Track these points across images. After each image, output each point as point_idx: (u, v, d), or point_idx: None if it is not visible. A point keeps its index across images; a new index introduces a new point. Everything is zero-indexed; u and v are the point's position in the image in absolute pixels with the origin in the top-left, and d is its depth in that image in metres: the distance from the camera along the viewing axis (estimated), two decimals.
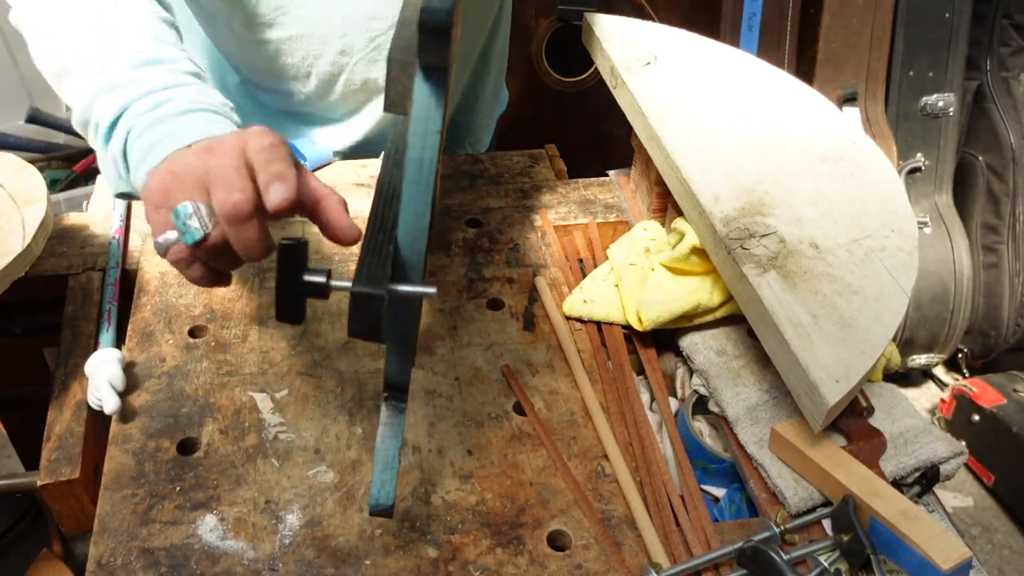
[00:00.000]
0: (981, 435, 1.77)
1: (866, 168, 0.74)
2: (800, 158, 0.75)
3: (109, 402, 0.66)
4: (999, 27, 1.85)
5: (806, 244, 0.67)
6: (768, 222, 0.68)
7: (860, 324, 0.61)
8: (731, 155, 0.75)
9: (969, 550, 0.56)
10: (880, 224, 0.69)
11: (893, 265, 0.65)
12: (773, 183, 0.72)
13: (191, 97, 0.63)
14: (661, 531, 0.61)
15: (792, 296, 0.63)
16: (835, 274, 0.65)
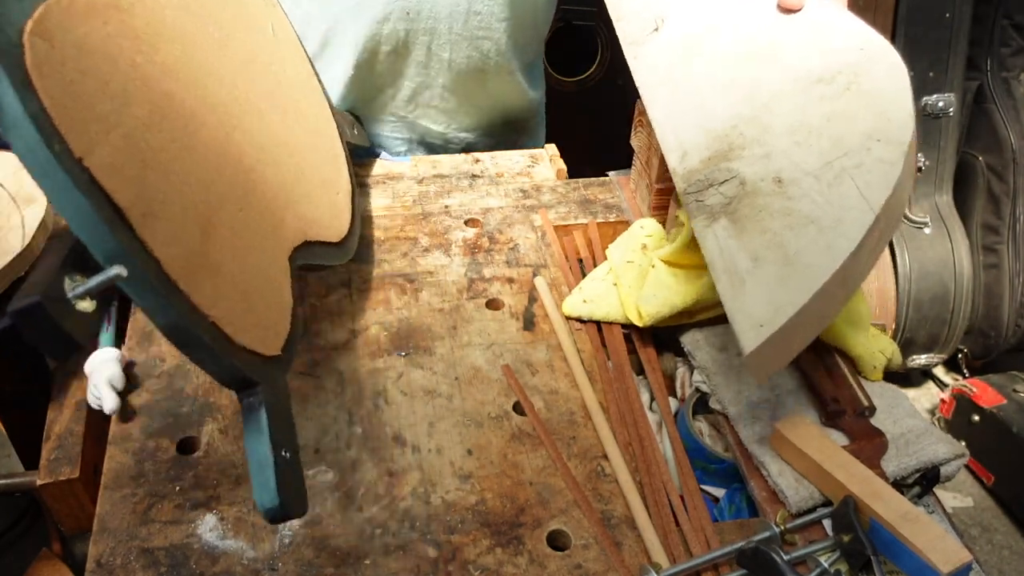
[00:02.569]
0: (981, 435, 1.77)
1: (866, 76, 0.67)
2: (790, 86, 0.69)
3: (109, 401, 0.66)
4: (999, 27, 1.85)
5: (768, 180, 0.62)
6: (732, 166, 0.64)
7: (805, 258, 0.57)
8: (711, 104, 0.70)
9: (969, 553, 0.55)
10: (864, 136, 0.62)
11: (867, 182, 0.59)
12: (750, 122, 0.67)
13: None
14: (660, 531, 0.61)
15: (737, 242, 0.59)
16: (793, 207, 0.60)
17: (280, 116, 0.70)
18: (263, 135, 0.65)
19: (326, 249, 0.70)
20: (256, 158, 0.62)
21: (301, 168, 0.70)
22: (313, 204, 0.70)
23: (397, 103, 0.98)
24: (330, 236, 0.71)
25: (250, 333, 0.53)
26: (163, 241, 0.47)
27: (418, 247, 0.87)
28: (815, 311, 0.56)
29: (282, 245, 0.62)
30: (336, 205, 0.75)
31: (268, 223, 0.61)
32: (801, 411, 0.69)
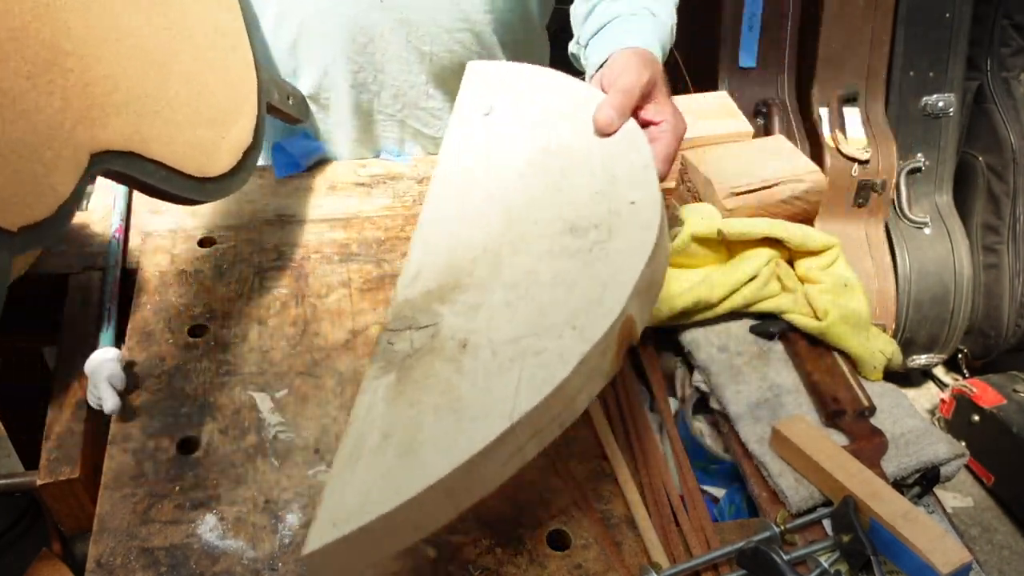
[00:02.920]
0: (981, 435, 1.77)
1: (621, 237, 0.58)
2: (546, 227, 0.61)
3: (109, 401, 0.66)
4: (999, 27, 1.85)
5: (456, 341, 0.55)
6: (441, 310, 0.58)
7: (425, 453, 0.49)
8: (474, 222, 0.64)
9: (969, 553, 0.55)
10: (569, 315, 0.54)
11: (532, 375, 0.50)
12: (492, 259, 0.61)
13: None
14: (660, 531, 0.61)
15: (385, 408, 0.53)
16: (455, 383, 0.52)
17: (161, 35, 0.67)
18: (116, 39, 0.62)
19: (170, 175, 0.66)
20: (90, 52, 0.60)
21: (167, 90, 0.67)
22: (170, 128, 0.67)
23: (383, 101, 0.96)
24: (184, 166, 0.68)
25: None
26: None
27: None
28: (406, 520, 0.47)
29: (87, 139, 0.59)
30: (213, 145, 0.72)
31: (72, 109, 0.58)
32: (801, 411, 0.69)
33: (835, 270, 0.77)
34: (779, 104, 1.80)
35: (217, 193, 0.74)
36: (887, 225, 1.86)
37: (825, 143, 1.76)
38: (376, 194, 0.94)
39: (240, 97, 0.77)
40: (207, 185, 0.71)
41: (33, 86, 0.55)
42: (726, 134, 0.89)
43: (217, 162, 0.72)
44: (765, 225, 0.76)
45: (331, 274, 0.83)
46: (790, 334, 0.75)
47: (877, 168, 1.76)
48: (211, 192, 0.73)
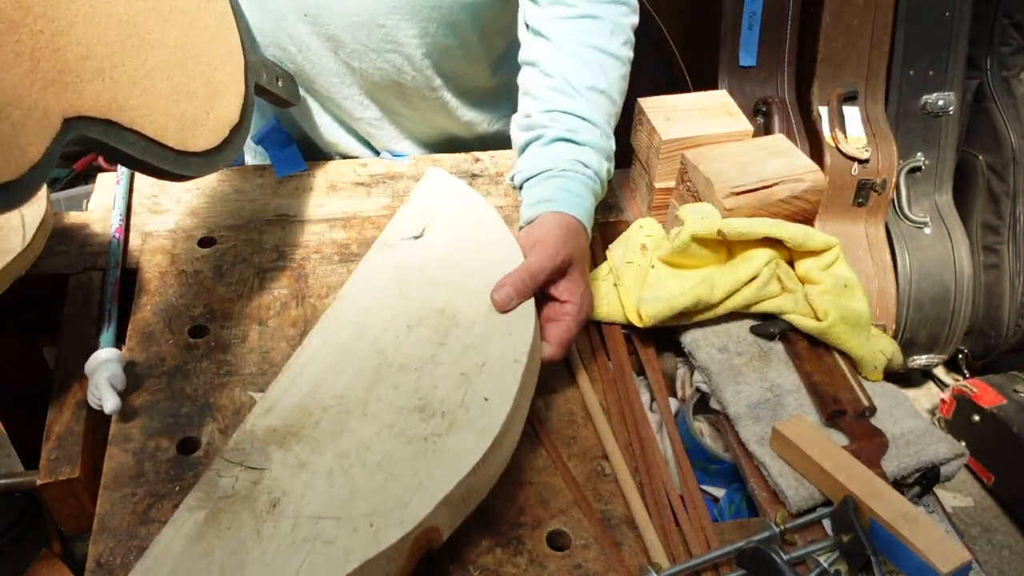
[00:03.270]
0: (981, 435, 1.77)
1: (456, 435, 0.58)
2: (401, 398, 0.61)
3: (109, 402, 0.66)
4: (999, 26, 1.85)
5: (269, 498, 0.55)
6: (274, 456, 0.58)
7: None
8: (345, 366, 0.63)
9: (968, 553, 0.55)
10: (370, 510, 0.54)
11: (312, 566, 0.51)
12: (342, 415, 0.60)
13: None
14: (660, 531, 0.61)
15: (182, 548, 0.52)
16: (249, 547, 0.53)
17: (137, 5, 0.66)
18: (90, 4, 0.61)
19: (150, 146, 0.65)
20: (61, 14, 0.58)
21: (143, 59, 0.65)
22: (147, 98, 0.65)
23: (326, 105, 0.95)
24: (163, 138, 0.66)
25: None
26: None
27: None
28: None
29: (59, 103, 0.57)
30: (194, 119, 0.70)
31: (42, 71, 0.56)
32: (801, 411, 0.69)
33: (835, 270, 0.77)
34: (779, 103, 1.80)
35: (202, 168, 0.72)
36: (887, 225, 1.85)
37: (825, 142, 1.76)
38: (376, 194, 0.94)
39: (226, 74, 0.76)
40: (190, 159, 0.70)
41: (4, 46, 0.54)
42: (726, 133, 0.88)
43: (200, 137, 0.71)
44: (765, 225, 0.76)
45: (331, 274, 0.83)
46: (790, 334, 0.75)
47: (877, 167, 1.76)
48: (195, 166, 0.71)
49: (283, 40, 0.87)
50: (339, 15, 0.83)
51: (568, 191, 0.73)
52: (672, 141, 0.87)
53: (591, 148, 0.75)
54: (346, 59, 0.88)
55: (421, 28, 0.85)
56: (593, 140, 0.76)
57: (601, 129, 0.77)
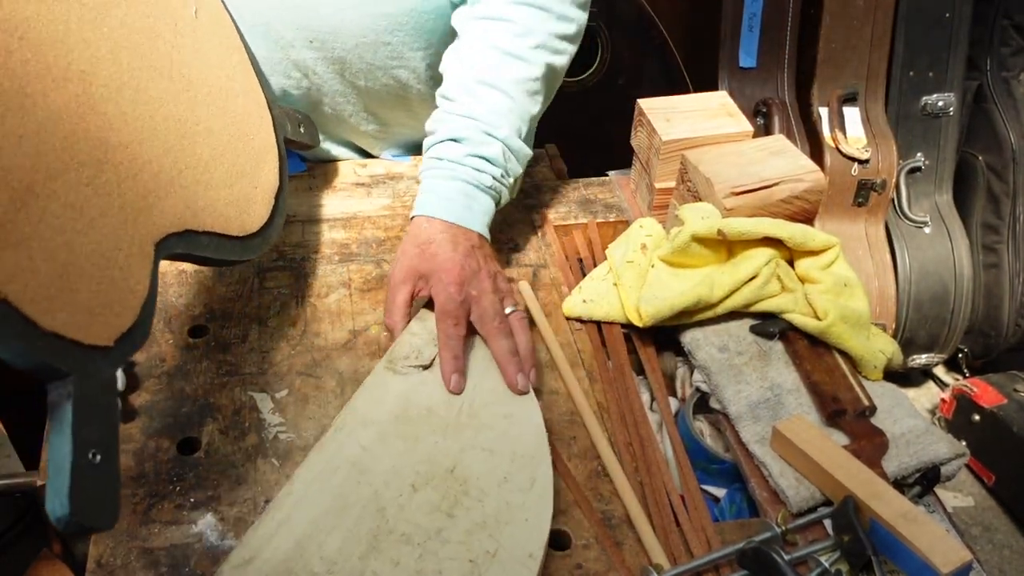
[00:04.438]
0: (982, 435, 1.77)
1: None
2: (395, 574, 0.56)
3: None
4: (999, 27, 1.85)
5: None
6: None
7: None
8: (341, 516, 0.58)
9: (969, 553, 0.55)
10: None
11: None
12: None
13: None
14: (661, 532, 0.61)
15: None
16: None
17: (182, 98, 0.65)
18: (149, 115, 0.60)
19: (221, 241, 0.64)
20: (132, 137, 0.57)
21: (199, 153, 0.65)
22: (210, 192, 0.65)
23: (331, 122, 0.96)
24: (229, 228, 0.66)
25: (66, 316, 0.47)
26: None
27: None
28: None
29: (148, 229, 0.57)
30: (248, 198, 0.70)
31: (130, 204, 0.55)
32: (802, 411, 0.69)
33: (835, 270, 0.77)
34: (779, 104, 1.80)
35: (261, 246, 0.71)
36: (887, 225, 1.86)
37: (825, 143, 1.76)
38: (376, 194, 0.94)
39: (261, 139, 0.76)
40: (251, 241, 0.69)
41: (94, 191, 0.52)
42: (726, 134, 0.89)
43: (255, 215, 0.70)
44: (765, 225, 0.76)
45: (331, 274, 0.83)
46: (790, 334, 0.75)
47: (877, 168, 1.76)
48: (255, 248, 0.70)
49: (289, 68, 0.88)
50: (347, 37, 0.84)
51: (424, 191, 0.76)
52: (672, 142, 0.87)
53: (452, 141, 0.77)
54: (352, 79, 0.89)
55: (426, 40, 0.86)
56: (459, 131, 0.76)
57: (475, 119, 0.76)
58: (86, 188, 0.51)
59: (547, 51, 0.80)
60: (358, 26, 0.83)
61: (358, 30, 0.83)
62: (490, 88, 0.77)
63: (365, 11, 0.82)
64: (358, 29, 0.83)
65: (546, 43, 0.80)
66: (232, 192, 0.67)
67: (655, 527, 0.62)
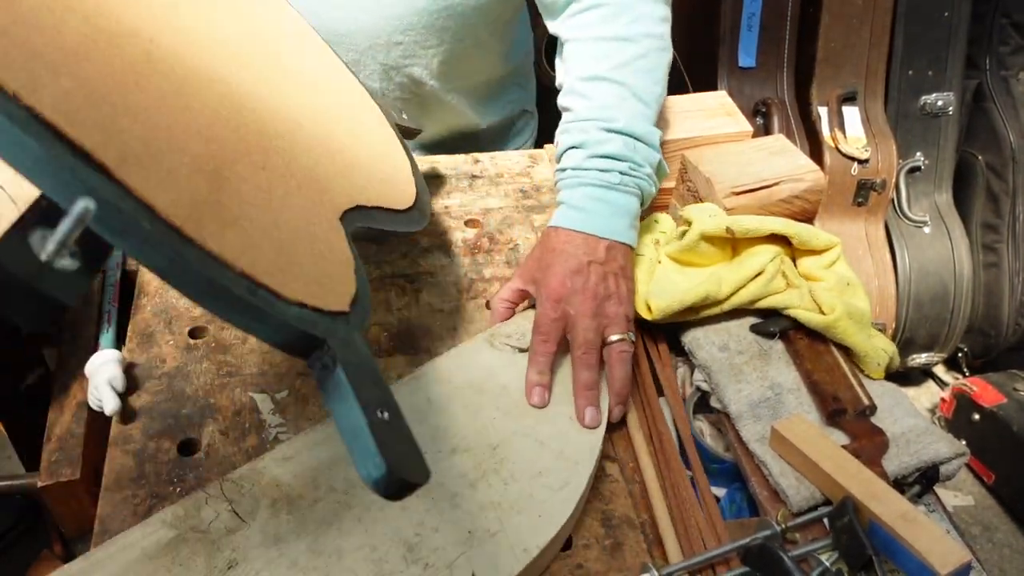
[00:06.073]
0: (981, 434, 1.77)
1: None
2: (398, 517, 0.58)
3: (109, 403, 0.66)
4: (998, 26, 1.85)
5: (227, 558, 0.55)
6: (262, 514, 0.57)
7: None
8: None
9: (968, 554, 0.55)
10: None
11: None
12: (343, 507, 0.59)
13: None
14: (681, 527, 0.61)
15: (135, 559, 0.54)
16: None
17: (310, 93, 0.67)
18: (288, 108, 0.61)
19: (390, 215, 0.65)
20: (282, 127, 0.58)
21: (342, 139, 0.66)
22: (363, 172, 0.66)
23: None
24: (391, 203, 0.67)
25: (302, 286, 0.46)
26: (155, 186, 0.40)
27: (418, 247, 0.87)
28: None
29: (329, 206, 0.57)
30: (393, 177, 0.71)
31: (305, 184, 0.56)
32: (802, 410, 0.69)
33: (837, 269, 0.77)
34: (778, 103, 1.81)
35: (421, 220, 0.71)
36: (887, 224, 1.86)
37: (824, 142, 1.77)
38: None
39: (382, 127, 0.77)
40: (411, 214, 0.69)
41: (271, 174, 0.52)
42: (725, 134, 0.89)
43: (405, 191, 0.71)
44: (772, 222, 0.77)
45: None
46: (791, 333, 0.75)
47: (876, 167, 1.77)
48: (418, 220, 0.70)
49: None
50: (360, 39, 0.84)
51: (557, 203, 0.75)
52: (672, 142, 0.87)
53: (573, 149, 0.75)
54: (366, 80, 0.89)
55: (438, 38, 0.86)
56: (575, 139, 0.75)
57: (588, 120, 0.74)
58: (263, 172, 0.51)
59: (647, 21, 0.77)
60: (371, 28, 0.83)
61: (371, 31, 0.84)
62: (596, 82, 0.75)
63: (377, 13, 0.82)
64: (371, 31, 0.83)
65: (643, 14, 0.77)
66: (381, 171, 0.68)
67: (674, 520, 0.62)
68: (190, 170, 0.44)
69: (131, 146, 0.41)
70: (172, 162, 0.43)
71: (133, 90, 0.44)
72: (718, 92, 0.95)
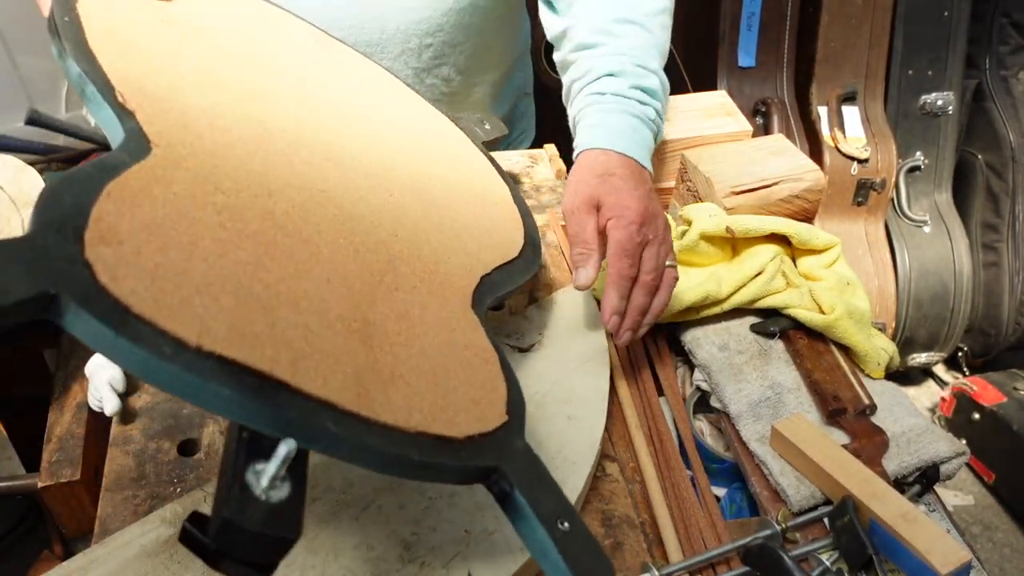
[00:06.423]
0: (982, 433, 1.77)
1: None
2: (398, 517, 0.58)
3: (109, 403, 0.66)
4: (998, 25, 1.85)
5: None
6: None
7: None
8: None
9: (968, 553, 0.55)
10: None
11: None
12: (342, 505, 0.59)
13: None
14: (681, 526, 0.61)
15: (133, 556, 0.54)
16: None
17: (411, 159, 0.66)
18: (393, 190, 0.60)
19: (507, 272, 0.63)
20: (391, 225, 0.57)
21: (447, 201, 0.65)
22: (475, 232, 0.64)
23: None
24: (508, 254, 0.65)
25: (464, 417, 0.47)
26: (324, 377, 0.41)
27: None
28: None
29: (457, 299, 0.56)
30: (500, 218, 0.69)
31: (433, 287, 0.55)
32: (802, 410, 0.69)
33: (837, 268, 0.77)
34: (778, 103, 1.81)
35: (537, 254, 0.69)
36: (886, 224, 1.86)
37: (824, 142, 1.77)
38: None
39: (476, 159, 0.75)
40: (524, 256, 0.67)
41: (405, 292, 0.52)
42: (725, 133, 0.89)
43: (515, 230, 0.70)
44: (772, 222, 0.77)
45: None
46: (790, 332, 0.75)
47: (876, 167, 1.77)
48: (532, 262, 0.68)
49: None
50: (392, 47, 0.85)
51: (586, 127, 0.73)
52: (672, 141, 0.87)
53: (609, 76, 0.74)
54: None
55: (464, 35, 0.88)
56: (611, 66, 0.74)
57: (624, 54, 0.75)
58: (398, 294, 0.52)
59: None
60: (403, 34, 0.84)
61: (402, 38, 0.84)
62: (630, 24, 0.75)
63: (407, 19, 0.83)
64: (402, 37, 0.84)
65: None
66: (490, 220, 0.67)
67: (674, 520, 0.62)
68: (344, 338, 0.45)
69: (296, 345, 0.41)
70: (329, 340, 0.44)
71: (272, 267, 0.45)
72: (718, 92, 0.95)
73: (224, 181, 0.48)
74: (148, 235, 0.40)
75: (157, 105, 0.50)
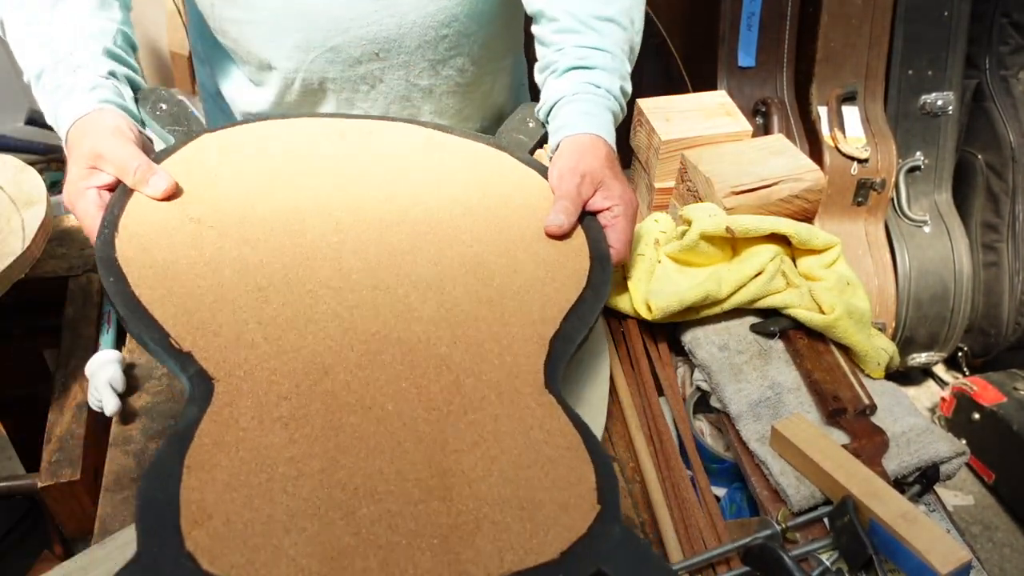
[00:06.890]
0: (981, 433, 1.77)
1: None
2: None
3: (109, 403, 0.66)
4: (998, 25, 1.85)
5: None
6: None
7: None
8: None
9: (968, 553, 0.55)
10: None
11: None
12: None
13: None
14: (681, 526, 0.61)
15: None
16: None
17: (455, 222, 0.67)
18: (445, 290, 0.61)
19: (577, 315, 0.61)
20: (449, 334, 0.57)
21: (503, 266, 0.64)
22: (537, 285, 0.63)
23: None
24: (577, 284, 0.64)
25: (556, 531, 0.46)
26: (414, 562, 0.43)
27: None
28: None
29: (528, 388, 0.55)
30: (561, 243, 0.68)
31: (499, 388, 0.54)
32: (802, 410, 0.69)
33: (837, 268, 0.77)
34: (778, 103, 1.81)
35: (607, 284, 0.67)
36: (886, 224, 1.86)
37: (824, 142, 1.77)
38: None
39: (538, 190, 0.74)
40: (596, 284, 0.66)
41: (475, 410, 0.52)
42: (725, 133, 0.89)
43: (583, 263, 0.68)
44: (772, 222, 0.77)
45: None
46: (790, 332, 0.75)
47: (876, 167, 1.77)
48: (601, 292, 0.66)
49: (358, 83, 0.89)
50: (410, 40, 0.86)
51: (582, 112, 0.76)
52: (672, 141, 0.87)
53: (601, 70, 0.77)
54: (415, 80, 0.91)
55: (477, 23, 0.89)
56: (604, 63, 0.77)
57: (611, 53, 0.78)
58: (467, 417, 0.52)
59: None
60: (420, 27, 0.85)
61: (420, 31, 0.85)
62: (607, 22, 0.79)
63: (424, 11, 0.84)
64: (420, 30, 0.85)
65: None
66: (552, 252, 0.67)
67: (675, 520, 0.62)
68: (425, 506, 0.46)
69: (382, 539, 0.44)
70: (411, 515, 0.46)
71: (344, 460, 0.47)
72: (718, 92, 0.95)
73: (283, 385, 0.51)
74: (231, 495, 0.44)
75: (207, 330, 0.53)
